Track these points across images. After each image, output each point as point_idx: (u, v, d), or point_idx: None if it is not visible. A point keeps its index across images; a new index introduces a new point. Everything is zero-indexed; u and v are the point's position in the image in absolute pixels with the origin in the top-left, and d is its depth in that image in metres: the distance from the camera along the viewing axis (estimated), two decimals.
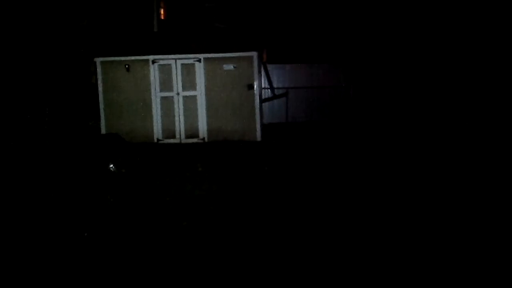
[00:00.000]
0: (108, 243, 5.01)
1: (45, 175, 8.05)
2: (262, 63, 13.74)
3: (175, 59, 11.57)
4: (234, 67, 11.46)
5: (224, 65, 11.50)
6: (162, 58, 11.59)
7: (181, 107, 11.63)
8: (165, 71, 11.61)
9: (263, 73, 13.87)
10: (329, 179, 7.60)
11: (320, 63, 16.16)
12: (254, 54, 11.44)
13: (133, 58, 11.61)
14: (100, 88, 11.67)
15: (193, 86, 11.60)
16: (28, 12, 10.80)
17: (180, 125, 11.66)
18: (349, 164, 8.71)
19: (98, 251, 4.77)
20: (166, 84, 11.64)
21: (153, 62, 11.58)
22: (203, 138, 11.64)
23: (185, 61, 11.56)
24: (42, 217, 5.83)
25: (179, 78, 11.58)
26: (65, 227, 5.44)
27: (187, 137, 11.70)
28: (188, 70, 11.58)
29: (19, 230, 5.38)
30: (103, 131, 11.72)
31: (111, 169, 8.43)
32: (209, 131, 11.64)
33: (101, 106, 11.72)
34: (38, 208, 6.17)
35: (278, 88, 15.56)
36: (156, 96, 11.61)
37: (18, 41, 10.52)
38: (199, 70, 11.53)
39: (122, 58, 11.63)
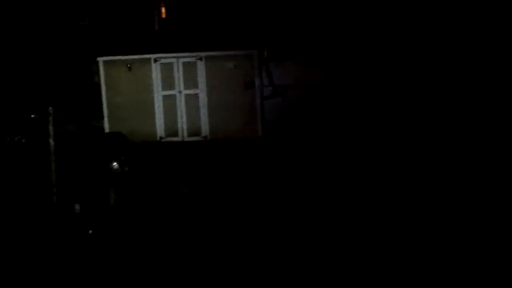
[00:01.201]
0: (111, 241, 5.09)
1: (49, 173, 8.12)
2: (263, 60, 13.76)
3: (177, 58, 11.62)
4: (235, 65, 11.50)
5: (226, 63, 11.54)
6: (164, 56, 11.63)
7: (183, 105, 11.68)
8: (167, 69, 11.66)
9: (264, 71, 13.88)
10: (327, 176, 7.66)
11: (321, 62, 16.13)
12: (255, 52, 11.48)
13: (135, 57, 11.65)
14: (103, 87, 11.73)
15: (195, 85, 11.66)
16: (31, 13, 10.86)
17: (182, 124, 11.72)
18: (346, 160, 8.75)
19: (102, 249, 4.85)
20: (168, 82, 11.69)
21: (155, 61, 11.63)
22: (206, 136, 11.70)
23: (187, 60, 11.61)
24: (48, 214, 5.90)
25: (181, 76, 11.63)
26: (70, 224, 5.51)
27: (189, 135, 11.76)
28: (189, 69, 11.63)
29: (22, 228, 5.46)
30: (106, 130, 11.79)
31: (115, 167, 8.50)
32: (211, 129, 11.69)
33: (104, 105, 11.78)
34: (44, 206, 6.24)
35: (279, 86, 15.57)
36: (158, 94, 11.67)
37: (21, 42, 10.59)
38: (201, 68, 11.58)
39: (124, 57, 11.67)
